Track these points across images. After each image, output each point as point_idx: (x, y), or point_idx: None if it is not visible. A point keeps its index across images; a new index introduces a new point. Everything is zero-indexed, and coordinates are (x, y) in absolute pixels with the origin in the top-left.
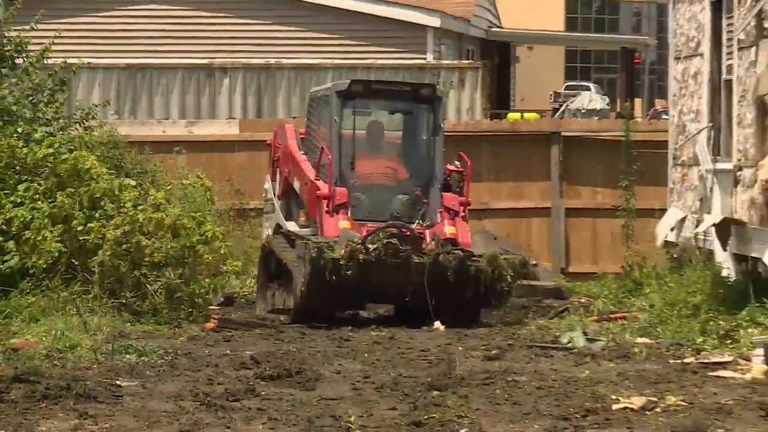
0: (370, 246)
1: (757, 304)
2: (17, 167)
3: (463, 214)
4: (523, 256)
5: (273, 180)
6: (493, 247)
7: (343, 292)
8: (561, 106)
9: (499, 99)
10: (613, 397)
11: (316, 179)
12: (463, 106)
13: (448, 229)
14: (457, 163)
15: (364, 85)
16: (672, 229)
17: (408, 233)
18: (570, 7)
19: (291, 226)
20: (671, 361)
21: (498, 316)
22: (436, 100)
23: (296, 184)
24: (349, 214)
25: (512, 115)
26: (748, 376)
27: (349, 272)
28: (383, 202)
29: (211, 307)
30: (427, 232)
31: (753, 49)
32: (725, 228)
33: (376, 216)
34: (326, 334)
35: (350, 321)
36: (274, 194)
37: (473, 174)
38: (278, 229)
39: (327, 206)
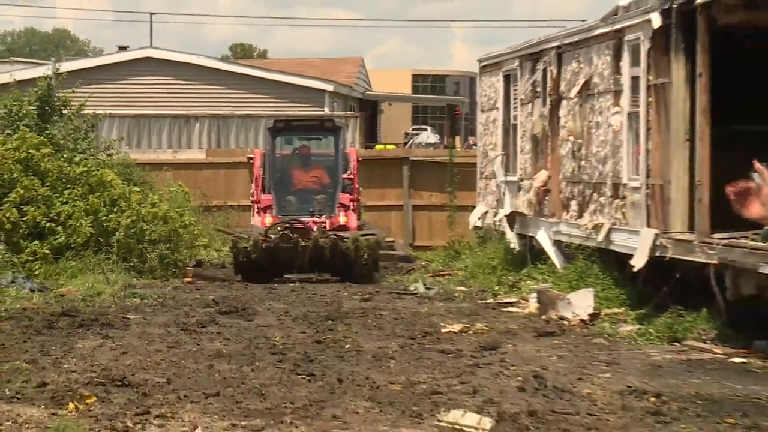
0: (271, 236)
1: (532, 266)
2: (63, 179)
3: (353, 207)
4: (377, 238)
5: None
6: (370, 230)
7: (260, 267)
8: (409, 141)
9: (371, 136)
10: (442, 324)
11: (255, 189)
12: (348, 141)
13: (342, 219)
14: (349, 171)
15: (285, 122)
16: (479, 219)
17: (299, 225)
18: (415, 79)
19: (254, 220)
20: (479, 302)
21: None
22: (336, 129)
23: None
24: (274, 212)
25: (379, 147)
26: (526, 311)
27: (254, 255)
28: (305, 202)
29: (188, 268)
30: (327, 221)
31: (529, 105)
32: (512, 217)
33: (300, 212)
34: (261, 286)
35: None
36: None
37: None
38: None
39: (257, 208)
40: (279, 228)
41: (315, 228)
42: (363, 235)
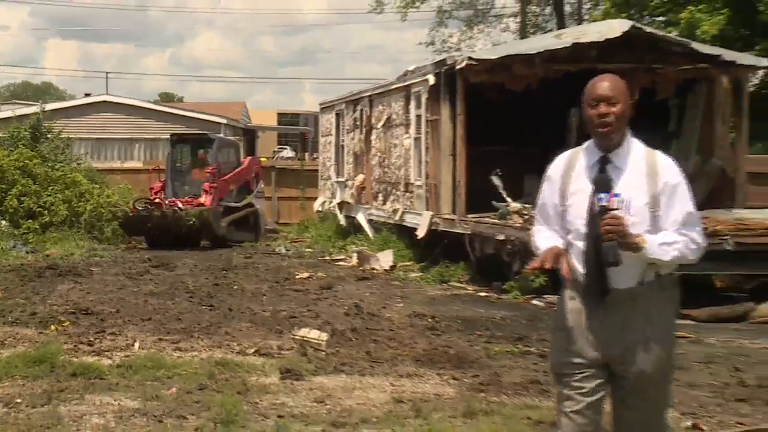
0: (137, 207)
1: (354, 236)
2: (48, 180)
3: (210, 191)
4: (202, 209)
5: None
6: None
7: (132, 229)
8: (275, 156)
9: (251, 153)
10: (296, 273)
11: (159, 181)
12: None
13: (202, 199)
14: (212, 167)
15: (179, 135)
16: (320, 206)
17: (155, 200)
18: (279, 116)
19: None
20: (320, 258)
21: (251, 241)
22: (211, 140)
23: None
24: (162, 195)
25: None
26: (350, 264)
27: (125, 220)
28: (191, 190)
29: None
30: (194, 201)
31: (352, 132)
32: (342, 205)
33: (180, 197)
34: (178, 251)
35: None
36: None
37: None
38: None
39: (152, 193)
40: (142, 202)
41: (170, 205)
42: (197, 206)
